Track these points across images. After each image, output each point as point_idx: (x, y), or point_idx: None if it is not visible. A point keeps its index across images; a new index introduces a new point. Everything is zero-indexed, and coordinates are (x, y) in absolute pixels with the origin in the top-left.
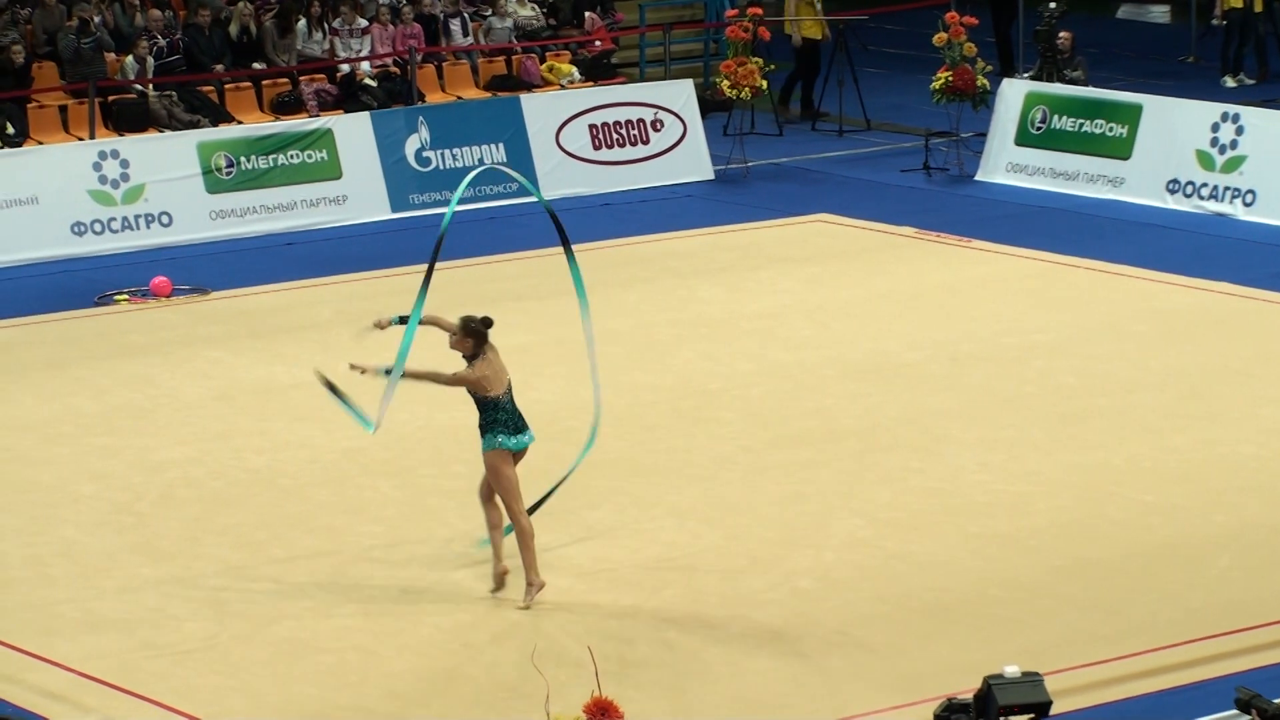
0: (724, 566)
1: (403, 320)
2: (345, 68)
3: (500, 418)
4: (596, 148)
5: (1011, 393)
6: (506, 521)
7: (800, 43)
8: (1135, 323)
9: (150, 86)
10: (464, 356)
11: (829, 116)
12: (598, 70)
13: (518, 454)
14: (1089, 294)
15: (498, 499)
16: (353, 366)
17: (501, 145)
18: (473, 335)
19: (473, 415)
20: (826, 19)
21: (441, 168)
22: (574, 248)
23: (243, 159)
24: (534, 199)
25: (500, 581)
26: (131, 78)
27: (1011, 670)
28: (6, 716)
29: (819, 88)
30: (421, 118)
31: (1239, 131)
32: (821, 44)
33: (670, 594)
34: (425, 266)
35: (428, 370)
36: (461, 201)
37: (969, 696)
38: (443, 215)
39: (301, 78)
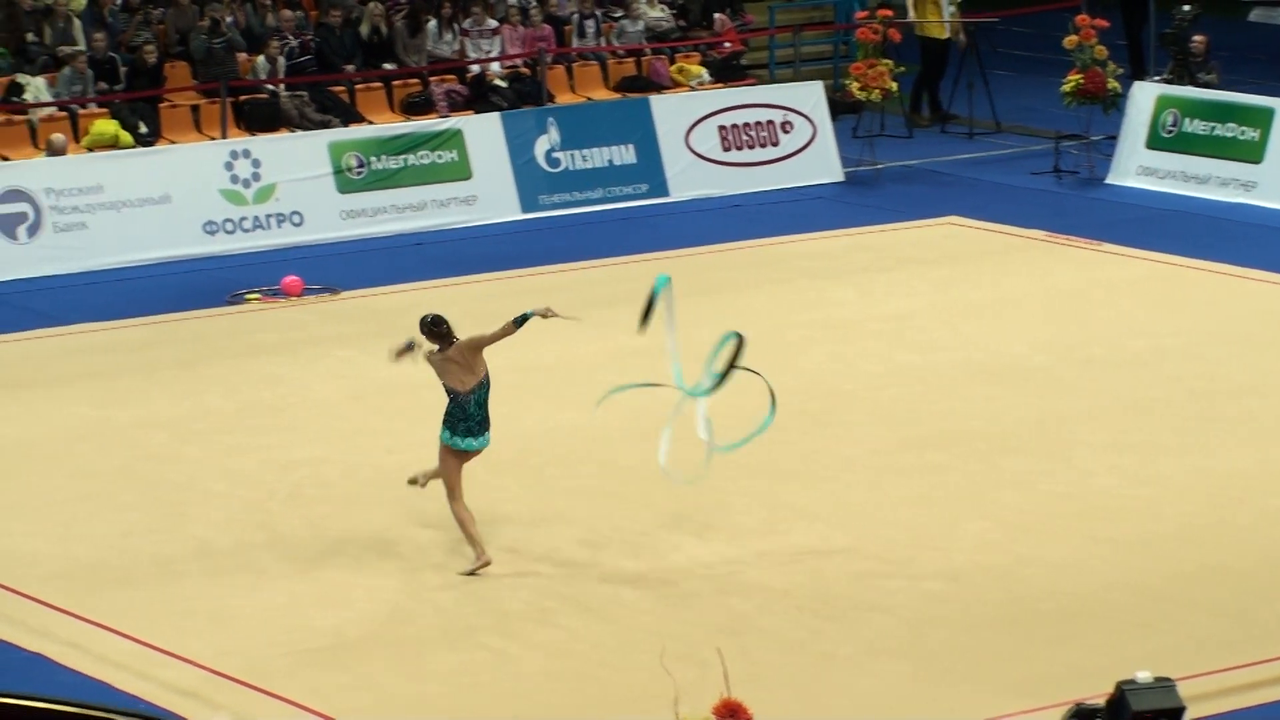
0: (852, 568)
1: (409, 347)
2: (475, 68)
3: (456, 414)
4: (726, 149)
5: (1141, 396)
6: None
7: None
8: (1266, 327)
9: (282, 86)
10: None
11: (959, 119)
12: (727, 72)
13: (465, 454)
14: (1219, 298)
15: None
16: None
17: (631, 146)
18: (426, 335)
19: (599, 414)
20: (960, 20)
21: (571, 169)
22: (705, 249)
23: (373, 159)
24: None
25: (480, 565)
26: (263, 77)
27: (1144, 675)
28: (139, 713)
29: (948, 90)
30: (551, 119)
31: None
32: (951, 45)
33: (799, 595)
34: (557, 267)
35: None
36: (593, 202)
37: (1099, 701)
38: (572, 214)
39: (432, 78)
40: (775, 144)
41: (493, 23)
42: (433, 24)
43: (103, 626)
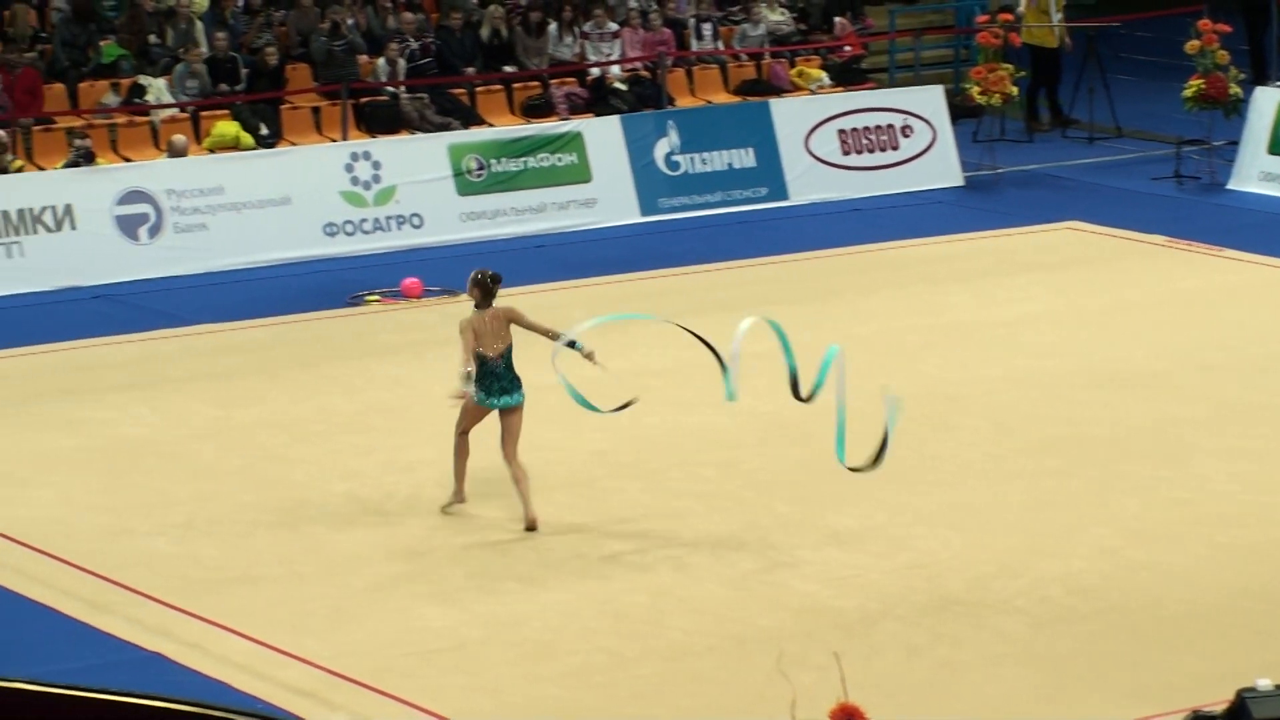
0: (971, 573)
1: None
2: (595, 71)
3: (489, 378)
4: (846, 153)
5: (1260, 402)
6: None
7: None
8: None
9: (402, 88)
10: (473, 305)
11: (1079, 124)
12: (847, 75)
13: (484, 410)
14: None
15: (518, 461)
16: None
17: (751, 150)
18: (476, 285)
19: (719, 417)
20: (1069, 25)
21: (691, 172)
22: (824, 253)
23: (493, 161)
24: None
25: (531, 524)
26: (384, 79)
27: (1264, 683)
28: (257, 713)
29: (1068, 95)
30: (671, 122)
31: None
32: (1060, 51)
33: (917, 600)
34: (676, 270)
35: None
36: (713, 205)
37: (1218, 709)
38: (691, 218)
39: (552, 81)
40: (895, 148)
41: (613, 26)
42: (553, 27)
43: (221, 626)
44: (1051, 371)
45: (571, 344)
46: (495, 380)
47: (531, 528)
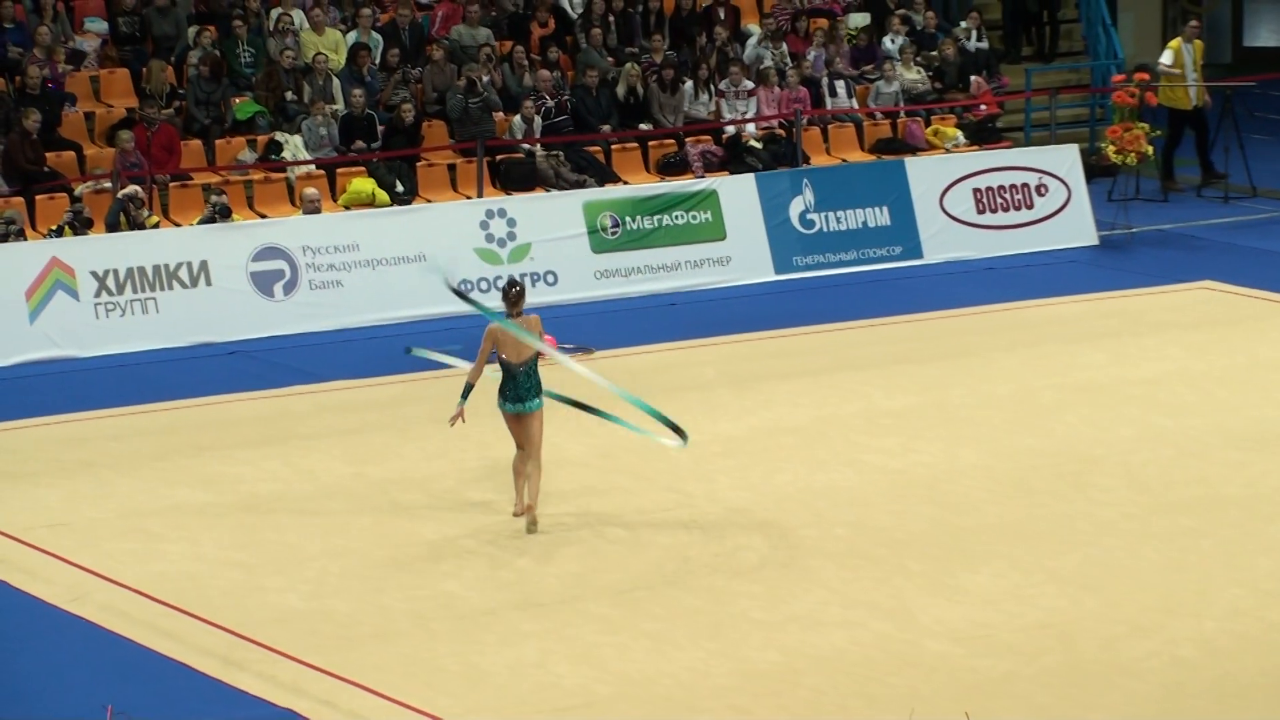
0: (1103, 633)
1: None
2: (731, 129)
3: (508, 384)
4: (980, 212)
5: None
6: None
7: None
8: None
9: (538, 146)
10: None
11: (1223, 181)
12: (982, 134)
13: (517, 416)
14: None
15: (536, 461)
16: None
17: (886, 209)
18: (502, 294)
19: (850, 475)
20: (1207, 85)
21: (826, 230)
22: (958, 311)
23: (628, 219)
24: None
25: (528, 520)
26: (519, 137)
27: None
28: None
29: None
30: (806, 180)
31: None
32: (1201, 110)
33: (1048, 660)
34: (810, 328)
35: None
36: (847, 264)
37: None
38: (825, 276)
39: (687, 139)
40: (1030, 207)
41: (748, 84)
42: (689, 85)
43: (353, 683)
44: (1186, 431)
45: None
46: (514, 389)
47: (522, 516)
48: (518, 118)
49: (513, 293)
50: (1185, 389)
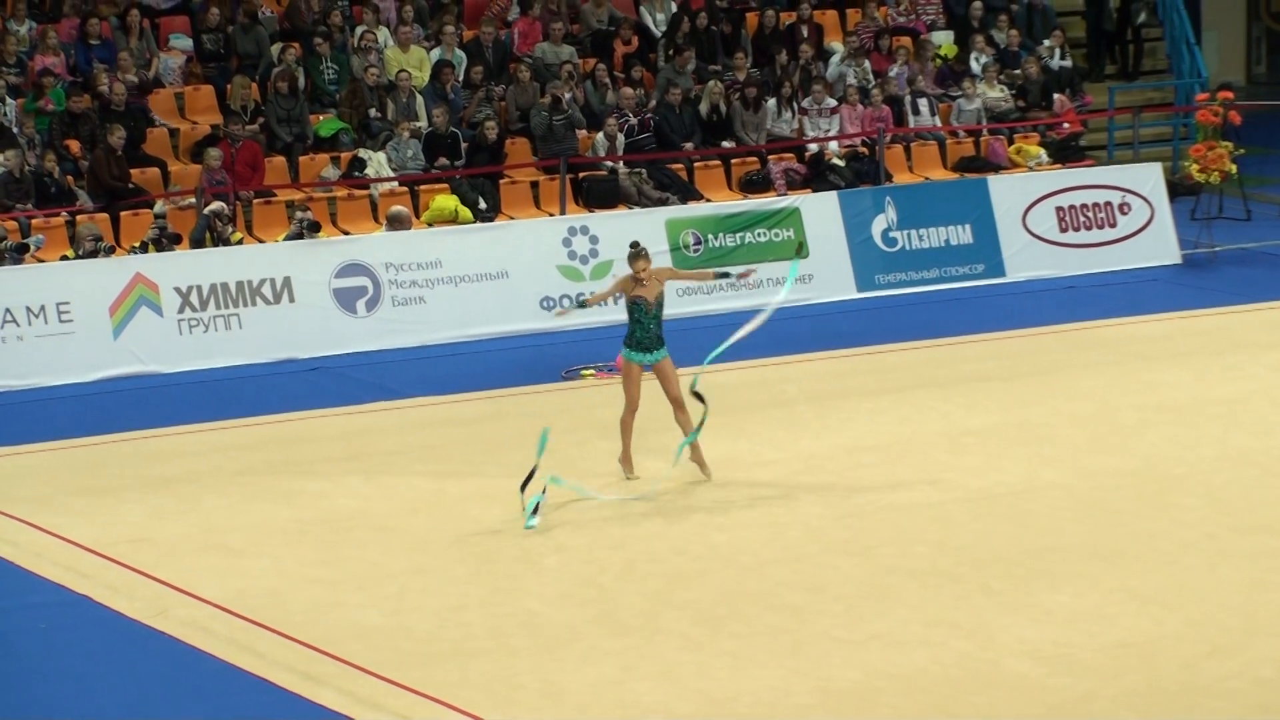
0: (1185, 653)
1: (582, 304)
2: (813, 147)
3: (637, 330)
4: (1063, 230)
5: None
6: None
7: None
8: None
9: (621, 163)
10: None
11: None
12: (1066, 152)
13: (642, 368)
14: None
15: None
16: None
17: (968, 226)
18: (637, 253)
19: (931, 493)
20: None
21: (908, 248)
22: (1040, 330)
23: (710, 236)
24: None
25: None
26: (602, 154)
27: None
28: None
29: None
30: (889, 198)
31: None
32: None
33: (1129, 680)
34: (893, 346)
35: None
36: (930, 282)
37: None
38: (907, 294)
39: (770, 156)
40: (1113, 225)
41: (831, 102)
42: (772, 103)
43: (433, 699)
44: (1270, 450)
45: (725, 274)
46: (644, 336)
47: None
48: (600, 135)
49: (645, 252)
50: (1268, 408)
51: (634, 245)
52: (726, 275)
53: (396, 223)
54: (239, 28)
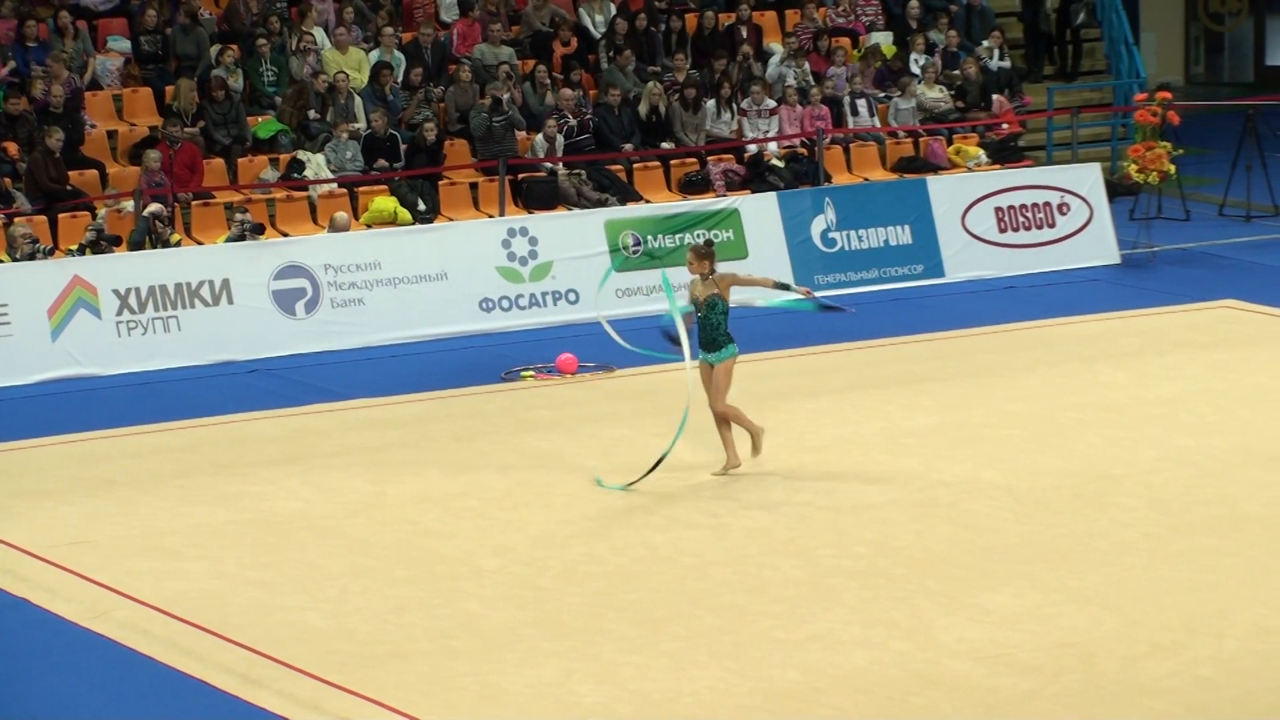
0: (1124, 653)
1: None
2: (753, 148)
3: (698, 331)
4: (1002, 230)
5: None
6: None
7: None
8: None
9: (560, 164)
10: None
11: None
12: (1004, 153)
13: (707, 365)
14: None
15: (720, 409)
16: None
17: (907, 227)
18: (706, 256)
19: (871, 495)
20: (1239, 104)
21: (847, 249)
22: (979, 330)
23: (649, 237)
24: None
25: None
26: (541, 155)
27: None
28: None
29: (1225, 172)
30: (828, 198)
31: None
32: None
33: (1069, 679)
34: (832, 347)
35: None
36: (869, 282)
37: None
38: (847, 294)
39: (709, 157)
40: (1052, 225)
41: (771, 103)
42: (711, 103)
43: (373, 700)
44: (1208, 450)
45: (787, 287)
46: (702, 336)
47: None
48: (540, 136)
49: (713, 253)
50: (1207, 408)
51: (704, 244)
52: (787, 288)
53: (337, 229)
54: (178, 29)
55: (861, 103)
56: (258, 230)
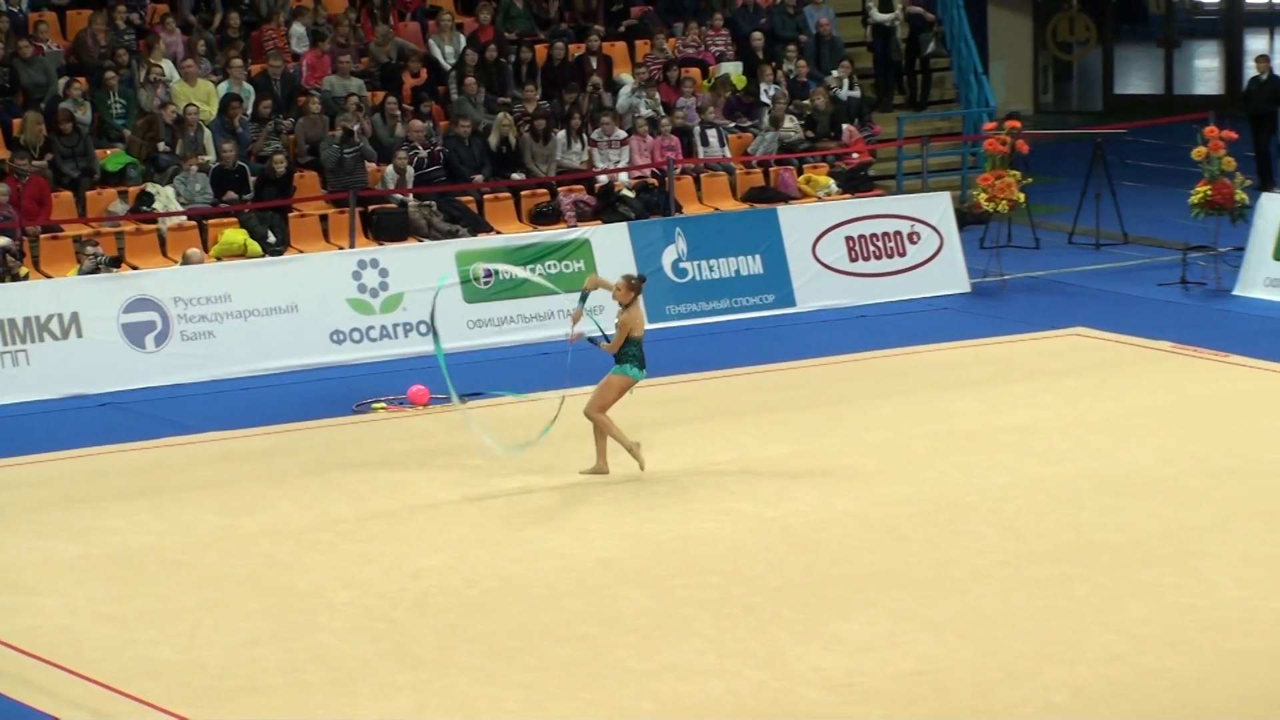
0: (977, 680)
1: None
2: (603, 178)
3: (638, 355)
4: (853, 260)
5: (1269, 509)
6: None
7: None
8: None
9: (410, 196)
10: (623, 305)
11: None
12: (855, 182)
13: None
14: None
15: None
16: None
17: (758, 257)
18: (634, 289)
19: (725, 525)
20: (1077, 132)
21: (698, 279)
22: (831, 359)
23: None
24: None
25: (637, 457)
26: (391, 187)
27: None
28: None
29: (1074, 200)
30: (679, 228)
31: None
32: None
33: (923, 707)
34: (684, 377)
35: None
36: (720, 312)
37: None
38: (698, 324)
39: (560, 188)
40: (902, 254)
41: (621, 133)
42: (561, 134)
43: None
44: (1059, 477)
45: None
46: (641, 357)
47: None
48: (390, 168)
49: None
50: (1058, 435)
51: (638, 277)
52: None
53: (190, 265)
54: (21, 61)
55: (712, 133)
56: (114, 264)
